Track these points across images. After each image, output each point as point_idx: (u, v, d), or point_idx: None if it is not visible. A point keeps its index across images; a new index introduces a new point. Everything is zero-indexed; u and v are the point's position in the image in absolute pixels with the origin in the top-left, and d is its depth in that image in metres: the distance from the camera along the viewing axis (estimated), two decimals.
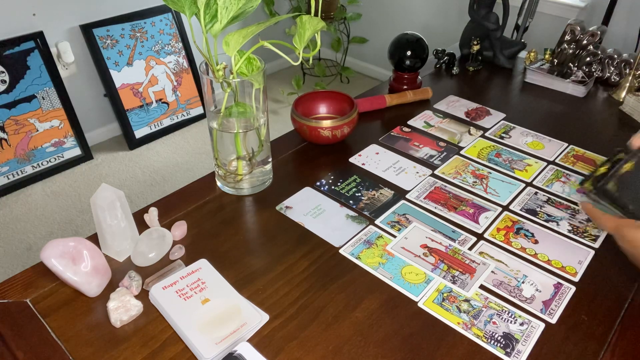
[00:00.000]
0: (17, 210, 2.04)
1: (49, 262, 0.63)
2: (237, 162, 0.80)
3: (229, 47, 0.67)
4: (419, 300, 0.65)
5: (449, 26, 2.53)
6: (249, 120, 0.77)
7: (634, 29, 1.89)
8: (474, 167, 0.89)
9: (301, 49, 0.70)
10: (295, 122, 0.93)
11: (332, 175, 0.87)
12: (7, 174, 2.09)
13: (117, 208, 0.67)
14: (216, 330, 0.59)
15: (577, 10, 2.06)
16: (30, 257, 1.83)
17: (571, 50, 1.18)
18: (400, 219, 0.77)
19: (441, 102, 1.11)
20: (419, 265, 0.70)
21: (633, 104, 1.07)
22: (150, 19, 2.36)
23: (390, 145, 0.96)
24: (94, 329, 0.60)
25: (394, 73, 1.13)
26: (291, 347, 0.59)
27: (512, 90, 1.18)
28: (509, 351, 0.59)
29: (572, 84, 1.15)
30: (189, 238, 0.74)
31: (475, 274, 0.68)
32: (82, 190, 2.15)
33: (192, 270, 0.67)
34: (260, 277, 0.68)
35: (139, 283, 0.65)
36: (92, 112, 2.37)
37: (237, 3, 0.66)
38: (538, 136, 0.99)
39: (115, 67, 2.28)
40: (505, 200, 0.82)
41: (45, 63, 2.10)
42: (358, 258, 0.71)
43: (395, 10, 2.77)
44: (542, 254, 0.72)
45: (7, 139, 2.07)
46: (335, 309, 0.63)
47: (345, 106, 0.97)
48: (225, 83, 0.71)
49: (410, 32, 1.11)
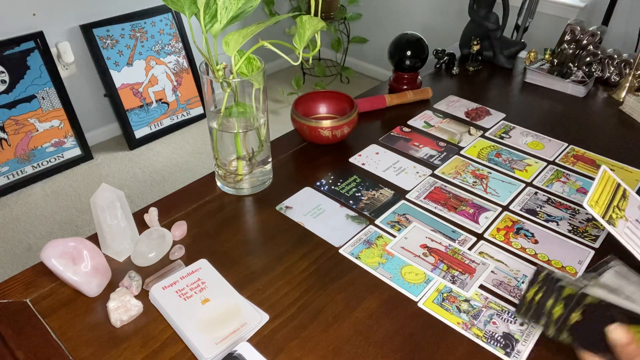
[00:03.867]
0: (17, 210, 2.04)
1: (49, 262, 0.63)
2: (237, 162, 0.80)
3: (229, 47, 0.67)
4: (419, 300, 0.65)
5: (449, 26, 2.53)
6: (249, 120, 0.77)
7: (634, 29, 1.89)
8: (474, 167, 0.89)
9: (301, 49, 0.70)
10: (295, 122, 0.93)
11: (332, 175, 0.87)
12: (7, 174, 2.09)
13: (117, 208, 0.67)
14: (216, 330, 0.59)
15: (577, 10, 2.06)
16: (30, 257, 1.83)
17: (571, 50, 1.18)
18: (400, 219, 0.77)
19: (441, 102, 1.11)
20: (419, 265, 0.70)
21: (633, 104, 1.07)
22: (150, 19, 2.36)
23: (390, 145, 0.96)
24: (94, 329, 0.60)
25: (394, 73, 1.13)
26: (291, 347, 0.59)
27: (512, 90, 1.19)
28: (509, 351, 0.59)
29: (572, 84, 1.15)
30: (189, 238, 0.74)
31: (475, 274, 0.68)
32: (82, 190, 2.15)
33: (192, 270, 0.67)
34: (260, 277, 0.68)
35: (139, 283, 0.65)
36: (92, 112, 2.37)
37: (237, 3, 0.66)
38: (538, 136, 0.99)
39: (115, 67, 2.28)
40: (505, 200, 0.82)
41: (45, 63, 2.10)
42: (358, 258, 0.71)
43: (395, 10, 2.77)
44: (542, 254, 0.72)
45: (7, 139, 2.07)
46: (335, 309, 0.63)
47: (345, 106, 0.97)
48: (225, 83, 0.71)
49: (410, 32, 1.11)
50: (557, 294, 0.55)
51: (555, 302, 0.55)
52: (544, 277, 0.56)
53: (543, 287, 0.56)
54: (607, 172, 0.69)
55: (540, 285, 0.56)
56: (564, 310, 0.55)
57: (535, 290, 0.57)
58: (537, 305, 0.57)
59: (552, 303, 0.55)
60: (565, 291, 0.54)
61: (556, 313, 0.55)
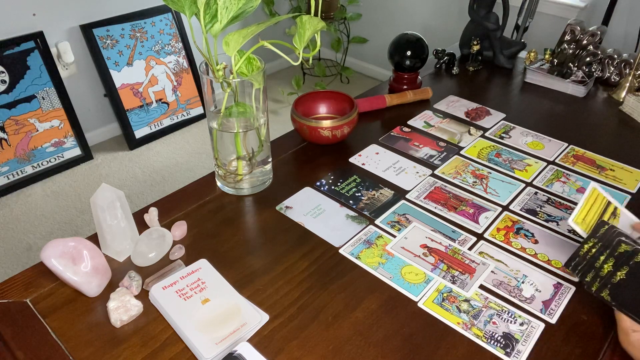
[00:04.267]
0: (17, 210, 2.04)
1: (49, 262, 0.63)
2: (237, 162, 0.80)
3: (229, 47, 0.67)
4: (419, 300, 0.65)
5: (449, 26, 2.53)
6: (249, 120, 0.77)
7: (634, 29, 1.89)
8: (474, 167, 0.89)
9: (301, 49, 0.70)
10: (295, 122, 0.93)
11: (332, 175, 0.87)
12: (7, 174, 2.09)
13: (117, 208, 0.67)
14: (216, 330, 0.59)
15: (577, 10, 2.06)
16: (30, 257, 1.83)
17: (571, 50, 1.18)
18: (400, 219, 0.77)
19: (441, 102, 1.11)
20: (419, 265, 0.70)
21: (633, 104, 1.07)
22: (150, 19, 2.36)
23: (390, 145, 0.96)
24: (94, 329, 0.60)
25: (394, 73, 1.13)
26: (291, 347, 0.59)
27: (512, 90, 1.18)
28: (509, 351, 0.59)
29: (572, 84, 1.15)
30: (189, 238, 0.74)
31: (475, 274, 0.68)
32: (82, 190, 2.15)
33: (192, 270, 0.67)
34: (260, 277, 0.68)
35: (139, 283, 0.65)
36: (92, 112, 2.37)
37: (237, 3, 0.66)
38: (538, 136, 0.99)
39: (115, 67, 2.28)
40: (505, 200, 0.82)
41: (45, 63, 2.10)
42: (358, 258, 0.71)
43: (395, 10, 2.77)
44: (542, 254, 0.72)
45: (7, 139, 2.07)
46: (335, 309, 0.63)
47: (345, 106, 0.97)
48: (225, 83, 0.71)
49: (410, 32, 1.11)
50: (612, 249, 0.56)
51: (608, 258, 0.57)
52: (606, 230, 0.57)
53: (601, 241, 0.58)
54: (597, 189, 0.69)
55: (599, 239, 0.57)
56: (613, 268, 0.56)
57: (591, 245, 0.58)
58: (590, 259, 0.57)
59: (604, 258, 0.57)
60: (622, 247, 0.55)
61: (606, 268, 0.56)
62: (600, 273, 0.56)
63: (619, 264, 0.55)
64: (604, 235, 0.57)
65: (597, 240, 0.58)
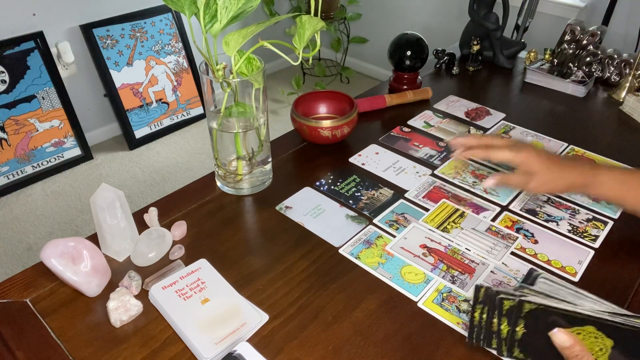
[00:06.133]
0: (17, 210, 2.04)
1: (49, 262, 0.63)
2: (237, 162, 0.80)
3: (229, 47, 0.67)
4: (419, 300, 0.65)
5: (449, 26, 2.53)
6: (249, 120, 0.77)
7: (634, 29, 1.89)
8: (473, 167, 0.89)
9: (301, 49, 0.70)
10: (295, 122, 0.93)
11: (332, 175, 0.87)
12: (7, 174, 2.09)
13: (117, 208, 0.67)
14: (216, 330, 0.59)
15: (577, 10, 2.06)
16: (30, 257, 1.83)
17: (571, 50, 1.18)
18: (398, 218, 0.77)
19: (441, 102, 1.11)
20: (419, 265, 0.70)
21: (633, 104, 1.07)
22: (150, 19, 2.36)
23: (390, 145, 0.96)
24: (94, 329, 0.60)
25: (394, 73, 1.13)
26: (291, 347, 0.59)
27: (512, 90, 1.19)
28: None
29: (572, 84, 1.15)
30: (189, 238, 0.74)
31: (475, 274, 0.68)
32: (82, 190, 2.15)
33: (192, 270, 0.67)
34: (260, 277, 0.68)
35: (138, 283, 0.65)
36: (92, 112, 2.37)
37: (237, 3, 0.66)
38: (538, 136, 0.99)
39: (115, 67, 2.28)
40: (505, 200, 0.82)
41: (45, 63, 2.10)
42: (358, 258, 0.71)
43: (395, 10, 2.77)
44: (542, 254, 0.72)
45: (7, 139, 2.07)
46: (335, 309, 0.63)
47: (345, 106, 0.97)
48: (225, 83, 0.71)
49: (410, 32, 1.11)
50: (499, 309, 0.54)
51: (500, 318, 0.54)
52: (484, 293, 0.55)
53: (486, 304, 0.55)
54: (446, 202, 0.76)
55: (483, 304, 0.55)
56: (510, 327, 0.54)
57: (480, 311, 0.56)
58: (485, 326, 0.56)
59: (497, 320, 0.55)
60: (506, 304, 0.54)
61: (504, 330, 0.55)
62: (502, 335, 0.55)
63: (512, 321, 0.54)
64: (485, 298, 0.55)
65: (482, 306, 0.56)
